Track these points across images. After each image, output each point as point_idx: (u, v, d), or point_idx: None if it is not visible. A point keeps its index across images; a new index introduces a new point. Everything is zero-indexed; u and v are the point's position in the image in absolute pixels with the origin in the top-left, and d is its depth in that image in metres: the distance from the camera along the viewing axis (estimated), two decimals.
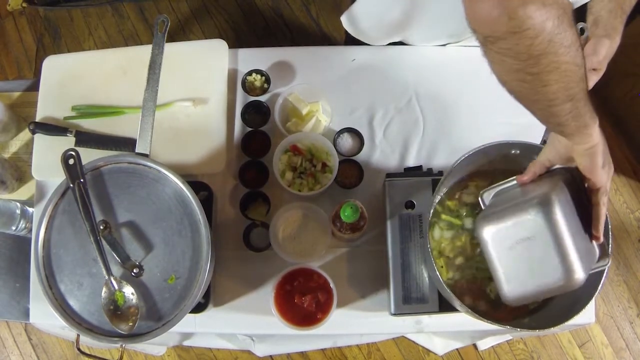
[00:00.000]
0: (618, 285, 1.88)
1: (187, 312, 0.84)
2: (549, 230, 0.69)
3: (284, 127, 1.10)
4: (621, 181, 1.97)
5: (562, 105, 0.63)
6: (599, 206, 0.74)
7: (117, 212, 0.87)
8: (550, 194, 0.71)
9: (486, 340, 1.44)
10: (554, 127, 0.71)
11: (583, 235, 0.75)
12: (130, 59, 1.16)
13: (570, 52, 0.58)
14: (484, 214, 0.77)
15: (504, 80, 0.64)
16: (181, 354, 1.84)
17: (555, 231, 0.69)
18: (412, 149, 1.13)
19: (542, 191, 0.73)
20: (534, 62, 0.58)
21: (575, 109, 0.64)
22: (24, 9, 2.17)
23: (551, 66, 0.58)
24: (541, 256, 0.70)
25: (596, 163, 0.71)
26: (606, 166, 0.73)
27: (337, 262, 1.07)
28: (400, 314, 0.98)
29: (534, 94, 0.63)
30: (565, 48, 0.57)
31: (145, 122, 0.91)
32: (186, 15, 2.16)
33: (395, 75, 1.16)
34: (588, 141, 0.70)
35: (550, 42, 0.56)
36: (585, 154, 0.71)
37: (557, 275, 0.69)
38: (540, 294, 0.72)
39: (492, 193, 0.84)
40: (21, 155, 1.18)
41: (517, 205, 0.73)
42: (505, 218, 0.73)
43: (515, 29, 0.55)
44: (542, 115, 0.68)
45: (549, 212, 0.69)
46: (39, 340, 1.89)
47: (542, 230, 0.70)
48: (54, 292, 0.85)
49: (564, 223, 0.69)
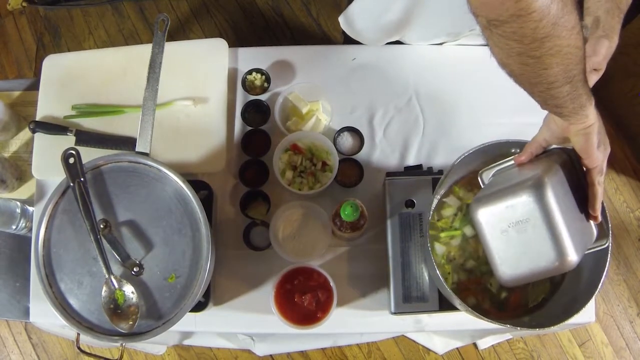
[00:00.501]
0: (618, 284, 1.88)
1: (187, 311, 0.84)
2: (541, 213, 0.69)
3: (284, 126, 1.10)
4: (621, 181, 1.97)
5: (562, 88, 0.64)
6: (595, 186, 0.74)
7: (117, 211, 0.87)
8: (543, 176, 0.71)
9: (486, 339, 1.44)
10: (551, 109, 0.71)
11: (579, 215, 0.75)
12: (131, 58, 1.16)
13: (572, 35, 0.58)
14: (479, 197, 0.77)
15: (505, 63, 0.64)
16: (181, 353, 1.84)
17: (548, 214, 0.69)
18: (412, 148, 1.13)
19: (536, 173, 0.73)
20: (537, 45, 0.58)
21: (574, 90, 0.65)
22: (24, 8, 2.17)
23: (554, 49, 0.59)
24: (534, 239, 0.71)
25: (591, 143, 0.71)
26: (602, 146, 0.73)
27: (337, 261, 1.07)
28: (400, 313, 0.98)
29: (534, 77, 0.63)
30: (568, 31, 0.58)
31: (145, 121, 0.91)
32: (186, 14, 2.16)
33: (395, 74, 1.16)
34: (584, 121, 0.70)
35: (555, 25, 0.56)
36: (580, 134, 0.71)
37: (551, 257, 0.70)
38: (535, 276, 0.73)
39: (491, 173, 0.84)
40: (21, 155, 1.18)
41: (511, 188, 0.73)
42: (499, 201, 0.73)
43: (521, 11, 0.55)
44: (541, 97, 0.68)
45: (541, 195, 0.69)
46: (39, 340, 1.89)
47: (534, 213, 0.70)
48: (54, 291, 0.85)
49: (556, 205, 0.69)
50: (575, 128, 0.71)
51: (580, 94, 0.66)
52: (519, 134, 0.90)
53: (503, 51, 0.62)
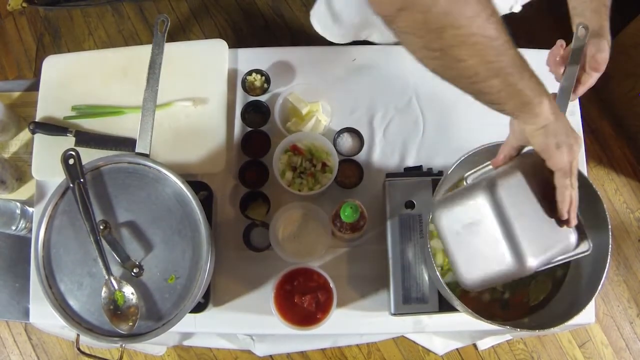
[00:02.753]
0: (618, 285, 1.88)
1: (187, 312, 0.84)
2: (494, 214, 0.68)
3: (284, 126, 1.10)
4: (621, 181, 1.97)
5: (488, 82, 0.61)
6: (561, 188, 0.69)
7: (117, 212, 0.87)
8: (497, 178, 0.70)
9: (486, 340, 1.44)
10: (491, 106, 0.67)
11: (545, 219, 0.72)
12: (130, 59, 1.16)
13: (474, 24, 0.56)
14: (439, 198, 0.77)
15: (417, 58, 0.62)
16: (181, 353, 1.84)
17: (502, 215, 0.68)
18: (412, 149, 1.13)
19: (490, 175, 0.72)
20: (435, 37, 0.56)
21: (507, 85, 0.62)
22: (24, 8, 2.18)
23: (456, 40, 0.56)
24: (487, 241, 0.69)
25: (548, 144, 0.67)
26: (563, 146, 0.67)
27: (337, 262, 1.07)
28: (400, 314, 0.98)
29: (449, 70, 0.61)
30: (467, 19, 0.55)
31: (145, 122, 0.91)
32: (186, 15, 2.16)
33: (395, 75, 1.16)
34: (535, 121, 0.67)
35: (447, 15, 0.55)
36: (536, 135, 0.68)
37: (507, 260, 0.68)
38: (494, 280, 0.71)
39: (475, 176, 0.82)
40: (21, 155, 1.18)
41: (466, 189, 0.72)
42: (455, 202, 0.72)
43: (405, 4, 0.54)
44: (471, 93, 0.65)
45: (493, 195, 0.68)
46: (39, 340, 1.89)
47: (488, 215, 0.69)
48: (54, 292, 0.85)
49: (510, 207, 0.68)
50: (529, 128, 0.69)
51: (519, 89, 0.63)
52: None
53: (408, 46, 0.60)
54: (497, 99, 0.64)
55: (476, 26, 0.56)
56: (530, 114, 0.66)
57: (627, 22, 1.63)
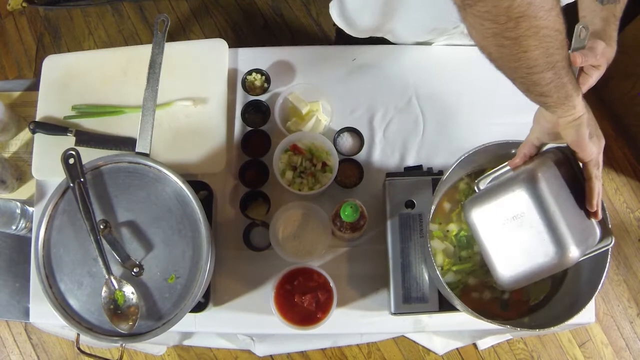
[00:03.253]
0: (618, 284, 1.88)
1: (187, 311, 0.84)
2: (536, 206, 0.68)
3: (284, 126, 1.10)
4: (621, 181, 1.97)
5: (543, 74, 0.62)
6: (592, 180, 0.72)
7: (117, 212, 0.87)
8: (536, 169, 0.69)
9: (486, 339, 1.44)
10: (536, 98, 0.69)
11: (578, 212, 0.73)
12: (130, 59, 1.16)
13: (550, 17, 0.57)
14: (471, 198, 0.76)
15: (483, 45, 0.62)
16: (181, 353, 1.84)
17: (544, 207, 0.67)
18: (412, 149, 1.13)
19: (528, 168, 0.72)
20: (512, 26, 0.57)
21: (557, 78, 0.64)
22: (24, 8, 2.18)
23: (531, 30, 0.57)
24: (531, 234, 0.68)
25: (582, 135, 0.70)
26: (594, 137, 0.71)
27: (337, 261, 1.07)
28: (400, 314, 0.98)
29: (513, 60, 0.62)
30: (545, 12, 0.56)
31: (145, 121, 0.91)
32: (186, 14, 2.16)
33: (395, 75, 1.16)
34: (572, 113, 0.69)
35: (530, 5, 0.55)
36: (570, 127, 0.70)
37: (550, 252, 0.68)
38: (536, 274, 0.70)
39: (488, 180, 0.83)
40: (21, 155, 1.18)
41: (503, 185, 0.72)
42: (491, 198, 0.71)
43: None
44: (524, 84, 0.66)
45: (535, 187, 0.68)
46: (39, 340, 1.89)
47: (529, 207, 0.68)
48: (54, 291, 0.85)
49: (552, 198, 0.68)
50: (564, 121, 0.70)
51: (565, 82, 0.65)
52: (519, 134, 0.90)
53: (479, 33, 0.61)
54: (546, 90, 0.65)
55: (551, 19, 0.57)
56: (569, 106, 0.68)
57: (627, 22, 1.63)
